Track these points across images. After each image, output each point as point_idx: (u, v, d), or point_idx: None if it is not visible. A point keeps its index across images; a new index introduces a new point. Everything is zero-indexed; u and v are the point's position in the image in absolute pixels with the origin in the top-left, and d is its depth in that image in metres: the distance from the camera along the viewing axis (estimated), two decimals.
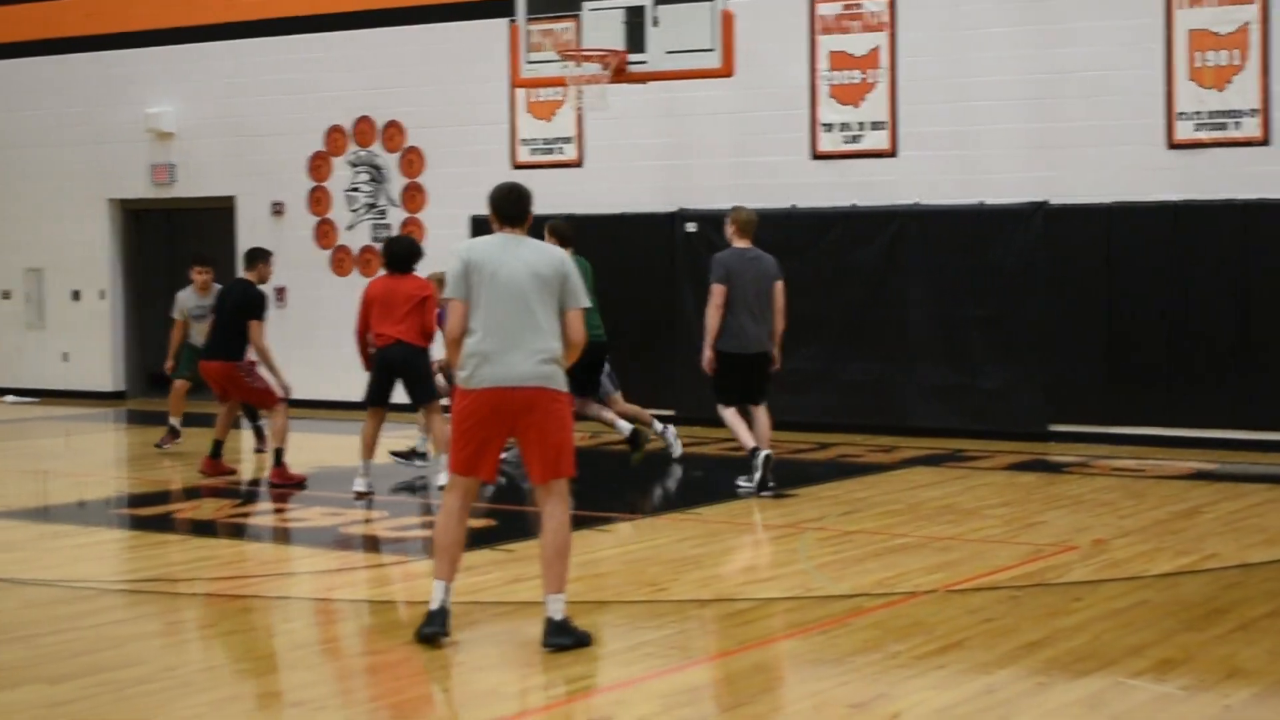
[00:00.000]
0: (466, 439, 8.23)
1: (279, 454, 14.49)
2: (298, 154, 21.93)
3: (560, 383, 8.29)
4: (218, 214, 22.78)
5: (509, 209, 8.46)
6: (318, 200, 21.84)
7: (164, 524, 12.62)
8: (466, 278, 8.25)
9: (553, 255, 8.40)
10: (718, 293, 13.73)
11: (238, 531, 12.56)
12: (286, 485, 14.24)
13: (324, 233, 21.72)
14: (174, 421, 17.37)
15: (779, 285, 14.02)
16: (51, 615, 9.43)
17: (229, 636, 8.81)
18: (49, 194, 23.88)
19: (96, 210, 23.53)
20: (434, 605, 8.27)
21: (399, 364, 13.65)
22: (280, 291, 21.47)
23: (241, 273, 15.57)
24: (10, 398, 23.73)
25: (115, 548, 12.09)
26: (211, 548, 11.65)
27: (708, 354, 13.83)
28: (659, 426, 16.01)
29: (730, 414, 13.95)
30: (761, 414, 13.90)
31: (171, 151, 22.92)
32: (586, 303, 8.43)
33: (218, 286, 16.84)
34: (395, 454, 15.40)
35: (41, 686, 7.69)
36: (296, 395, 15.59)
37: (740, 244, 14.02)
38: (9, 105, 24.22)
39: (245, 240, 22.13)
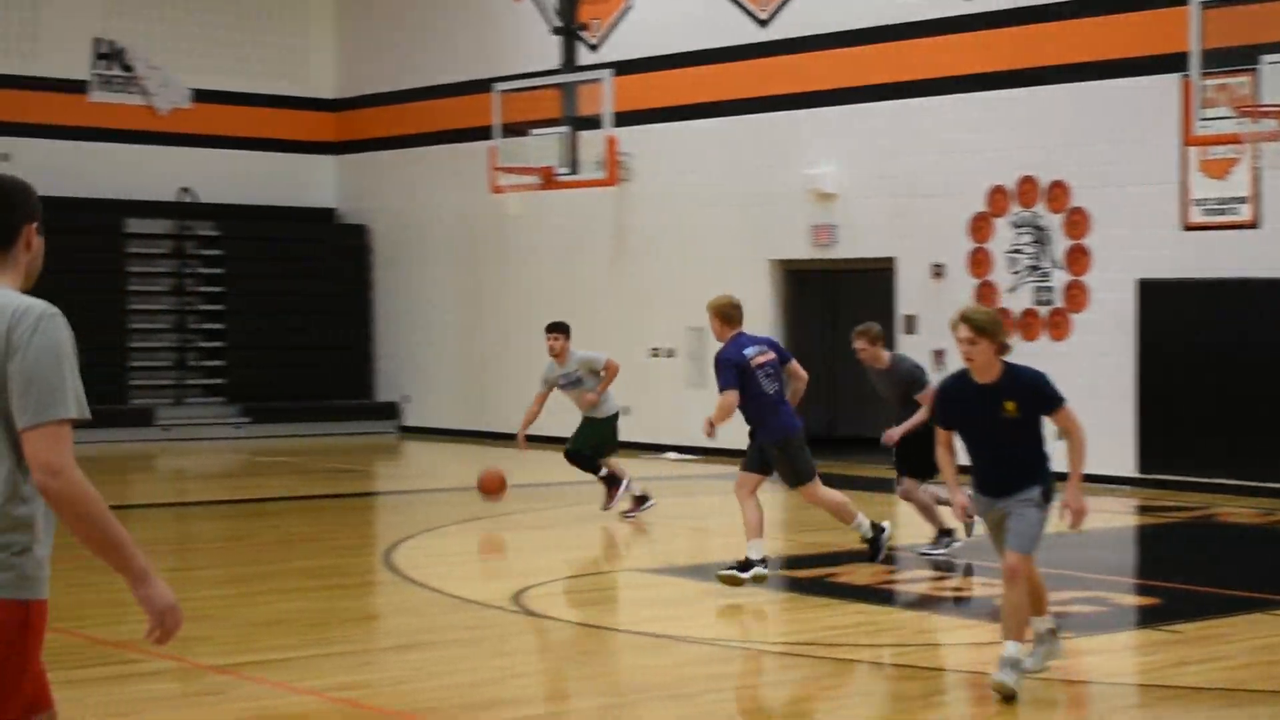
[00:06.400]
0: None
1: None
2: (958, 215, 22.03)
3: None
4: (877, 275, 23.12)
5: None
6: (978, 262, 21.86)
7: (820, 587, 12.84)
8: None
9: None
10: None
11: (895, 598, 12.64)
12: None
13: (985, 295, 21.70)
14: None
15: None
16: (707, 674, 9.74)
17: (892, 701, 8.87)
18: (712, 254, 24.77)
19: (758, 271, 24.24)
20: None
21: None
22: (939, 354, 21.52)
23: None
24: (672, 454, 24.68)
25: (771, 609, 12.39)
26: (868, 613, 11.78)
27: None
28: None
29: None
30: None
31: (833, 212, 23.40)
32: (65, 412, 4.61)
33: (576, 353, 17.16)
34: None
35: None
36: None
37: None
38: (676, 167, 25.26)
39: (904, 303, 22.39)
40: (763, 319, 24.20)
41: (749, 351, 12.52)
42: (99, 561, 4.62)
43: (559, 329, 17.46)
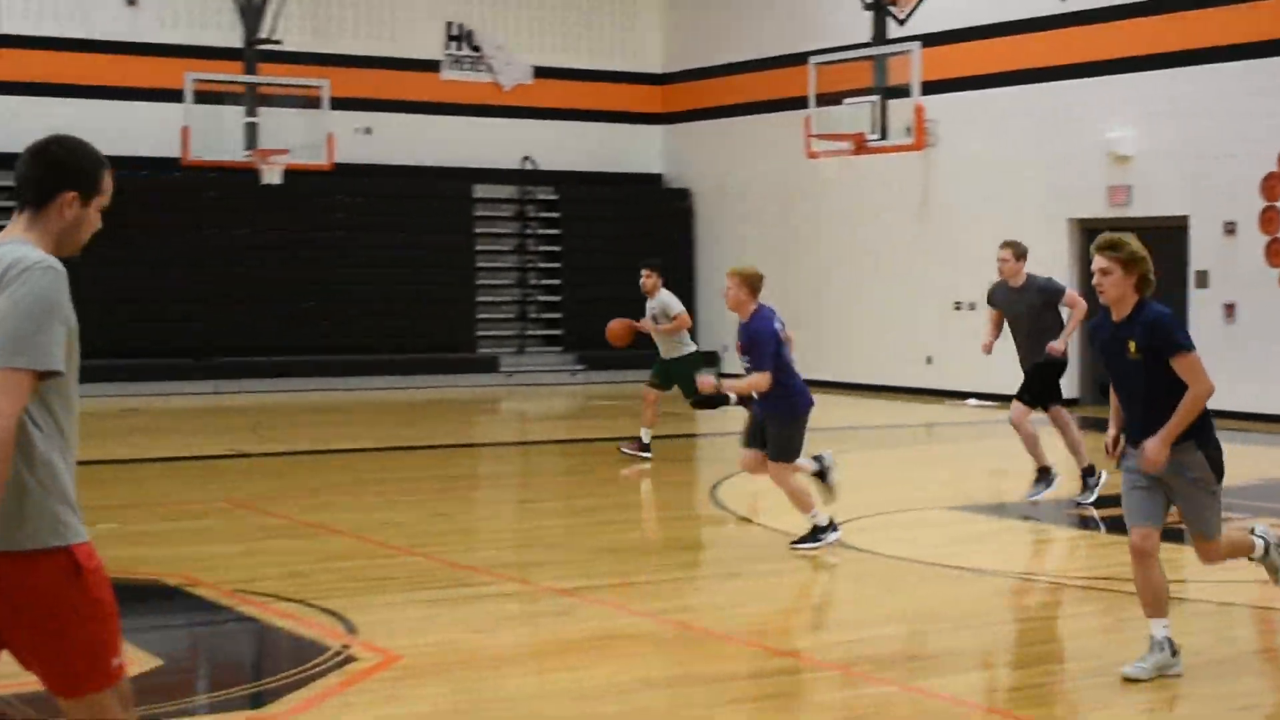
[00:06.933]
0: None
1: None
2: (1251, 174, 21.37)
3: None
4: (1170, 233, 22.58)
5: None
6: (1269, 220, 21.19)
7: (1112, 525, 12.66)
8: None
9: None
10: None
11: (1186, 536, 12.38)
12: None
13: (1274, 251, 21.04)
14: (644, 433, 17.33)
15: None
16: (1007, 605, 9.72)
17: (1179, 636, 8.73)
18: (1012, 213, 24.44)
19: (1056, 229, 23.84)
20: None
21: None
22: (1229, 308, 20.98)
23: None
24: (973, 401, 24.47)
25: (1067, 545, 12.27)
26: (1165, 550, 11.56)
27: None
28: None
29: None
30: None
31: (1128, 173, 22.90)
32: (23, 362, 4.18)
33: (663, 293, 16.87)
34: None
35: (996, 671, 7.95)
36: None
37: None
38: (980, 132, 24.96)
39: (1196, 259, 21.83)
40: (1061, 274, 23.77)
41: (777, 326, 11.75)
42: (454, 492, 4.83)
43: (651, 266, 17.21)
